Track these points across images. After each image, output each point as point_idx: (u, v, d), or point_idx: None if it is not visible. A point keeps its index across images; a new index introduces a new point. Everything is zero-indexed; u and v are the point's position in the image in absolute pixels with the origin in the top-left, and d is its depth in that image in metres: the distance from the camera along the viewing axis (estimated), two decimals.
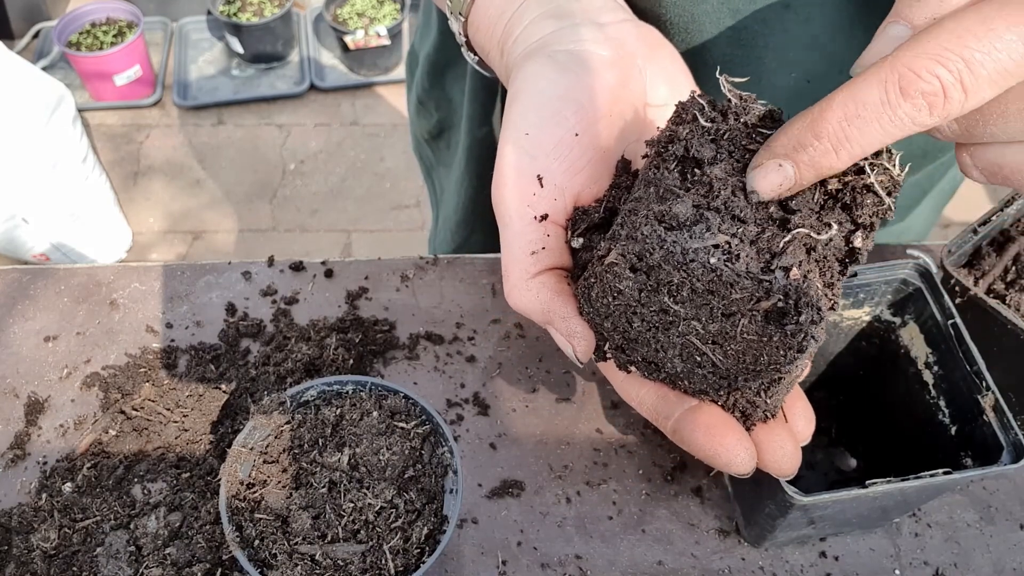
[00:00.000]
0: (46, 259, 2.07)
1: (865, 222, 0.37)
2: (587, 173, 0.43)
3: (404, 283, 0.72)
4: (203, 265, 0.73)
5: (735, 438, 0.41)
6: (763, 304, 0.35)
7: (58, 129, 1.97)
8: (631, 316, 0.39)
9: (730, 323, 0.36)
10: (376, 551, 0.50)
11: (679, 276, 0.36)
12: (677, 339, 0.39)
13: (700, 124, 0.38)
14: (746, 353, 0.38)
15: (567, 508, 0.60)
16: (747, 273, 0.35)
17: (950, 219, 2.23)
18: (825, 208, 0.37)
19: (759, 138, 0.38)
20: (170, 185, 2.36)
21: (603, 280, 0.39)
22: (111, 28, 2.42)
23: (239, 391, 0.64)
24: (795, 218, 0.36)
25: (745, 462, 0.40)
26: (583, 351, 0.42)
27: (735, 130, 0.38)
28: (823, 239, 0.36)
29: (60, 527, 0.56)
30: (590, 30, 0.45)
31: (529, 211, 0.42)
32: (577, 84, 0.43)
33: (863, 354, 0.60)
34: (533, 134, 0.42)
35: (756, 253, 0.35)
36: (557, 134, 0.43)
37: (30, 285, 0.71)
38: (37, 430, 0.63)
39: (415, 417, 0.55)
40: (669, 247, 0.35)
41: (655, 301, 0.38)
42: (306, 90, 2.55)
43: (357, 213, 2.31)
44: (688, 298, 0.37)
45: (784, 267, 0.35)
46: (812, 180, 0.35)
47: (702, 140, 0.38)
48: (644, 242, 0.36)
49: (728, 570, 0.58)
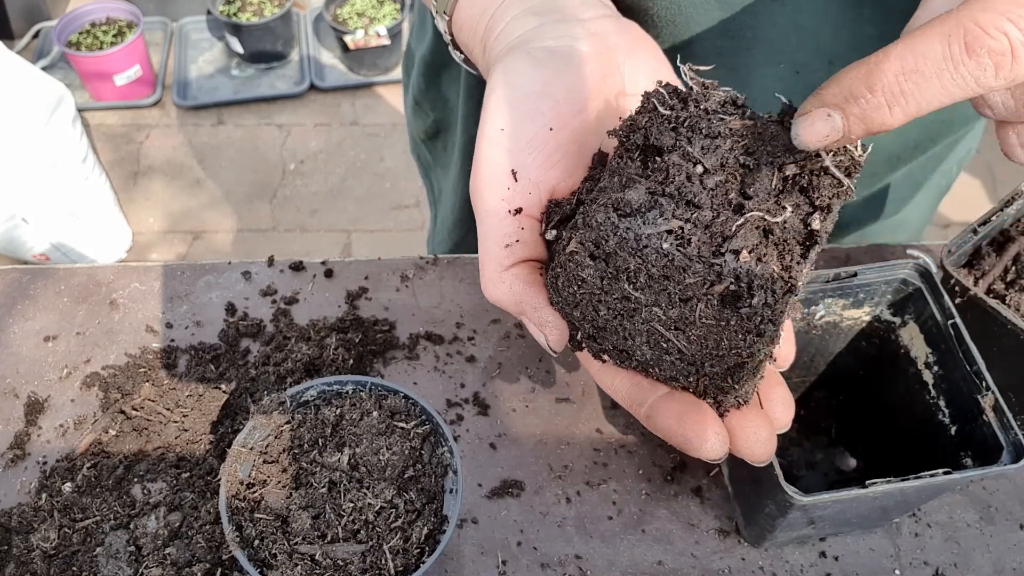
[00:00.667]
0: (46, 259, 2.07)
1: (822, 204, 0.36)
2: (562, 167, 0.44)
3: (404, 283, 0.72)
4: (203, 265, 0.73)
5: (706, 423, 0.40)
6: (716, 288, 0.35)
7: (58, 129, 1.97)
8: (597, 304, 0.40)
9: (688, 308, 0.37)
10: (376, 551, 0.50)
11: (635, 262, 0.36)
12: (642, 326, 0.39)
13: (659, 112, 0.38)
14: (707, 338, 0.38)
15: (567, 508, 0.60)
16: (698, 257, 0.35)
17: (950, 219, 2.23)
18: (784, 192, 0.37)
19: (719, 124, 0.38)
20: (170, 185, 2.36)
21: (567, 269, 0.39)
22: (111, 28, 2.42)
23: (239, 391, 0.64)
24: (751, 203, 0.36)
25: (716, 447, 0.40)
26: (555, 340, 0.43)
27: (695, 117, 0.38)
28: (778, 221, 0.36)
29: (60, 527, 0.56)
30: (570, 26, 0.45)
31: (503, 205, 0.43)
32: (554, 80, 0.43)
33: (863, 354, 0.61)
34: (508, 129, 0.43)
35: (709, 237, 0.35)
36: (532, 129, 0.43)
37: (30, 285, 0.71)
38: (37, 430, 0.63)
39: (415, 417, 0.55)
40: (622, 233, 0.35)
41: (616, 288, 0.38)
42: (306, 90, 2.55)
43: (357, 213, 2.31)
44: (646, 284, 0.37)
45: (734, 250, 0.35)
46: (860, 135, 0.33)
47: (661, 128, 0.38)
48: (599, 229, 0.36)
49: (728, 570, 0.58)
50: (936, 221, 2.24)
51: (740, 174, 0.37)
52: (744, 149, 0.37)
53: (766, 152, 0.37)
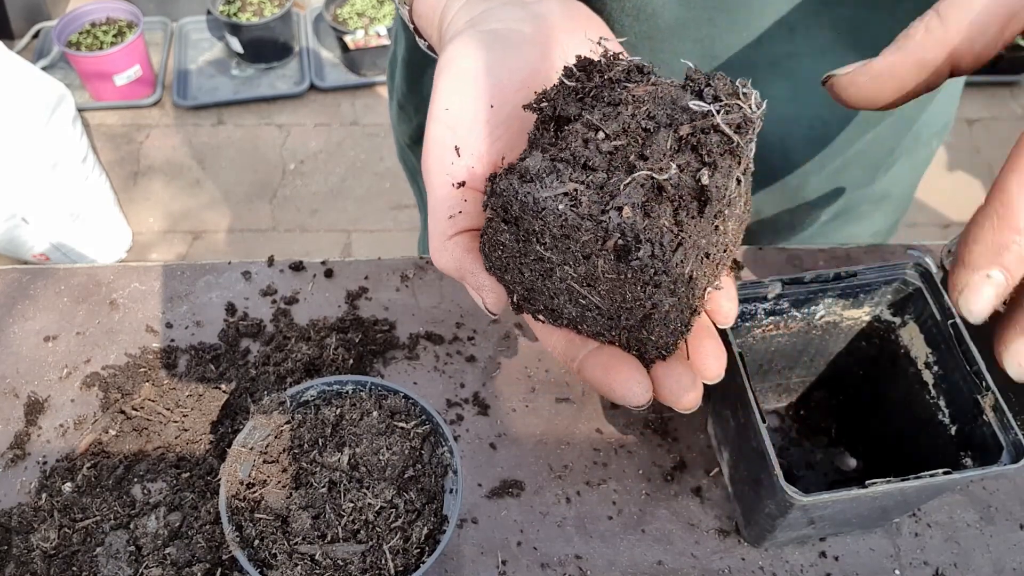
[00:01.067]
0: (46, 259, 2.07)
1: (710, 160, 0.38)
2: (504, 142, 0.46)
3: (404, 283, 0.72)
4: (203, 265, 0.73)
5: (628, 373, 0.42)
6: (608, 244, 0.37)
7: (58, 129, 1.97)
8: (520, 266, 0.42)
9: (591, 264, 0.39)
10: (376, 551, 0.50)
11: (538, 224, 0.38)
12: (561, 284, 0.41)
13: (565, 84, 0.41)
14: (614, 292, 0.40)
15: (567, 508, 0.60)
16: (588, 216, 0.37)
17: (950, 219, 2.23)
18: (679, 152, 0.38)
19: (622, 91, 0.40)
20: (170, 185, 2.36)
21: (487, 235, 0.42)
22: (111, 28, 2.42)
23: (239, 391, 0.64)
24: (646, 163, 0.38)
25: (638, 394, 0.42)
26: (491, 303, 0.45)
27: (600, 87, 0.40)
28: (664, 179, 0.37)
29: (60, 527, 0.56)
30: (514, 8, 0.48)
31: (448, 179, 0.45)
32: (495, 60, 0.46)
33: (863, 354, 0.61)
34: (452, 108, 0.45)
35: (599, 197, 0.37)
36: (475, 108, 0.45)
37: (30, 285, 0.71)
38: (37, 430, 0.63)
39: (415, 417, 0.55)
40: (522, 198, 0.38)
41: (531, 250, 0.40)
42: (306, 90, 2.55)
43: (357, 213, 2.31)
44: (553, 244, 0.39)
45: (617, 207, 0.37)
46: (1022, 274, 0.34)
47: (567, 99, 0.40)
48: (503, 195, 0.39)
49: (728, 570, 0.58)
50: (936, 221, 2.24)
51: (641, 138, 0.39)
52: (646, 114, 0.39)
53: (666, 115, 0.39)
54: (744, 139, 0.38)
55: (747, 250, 0.74)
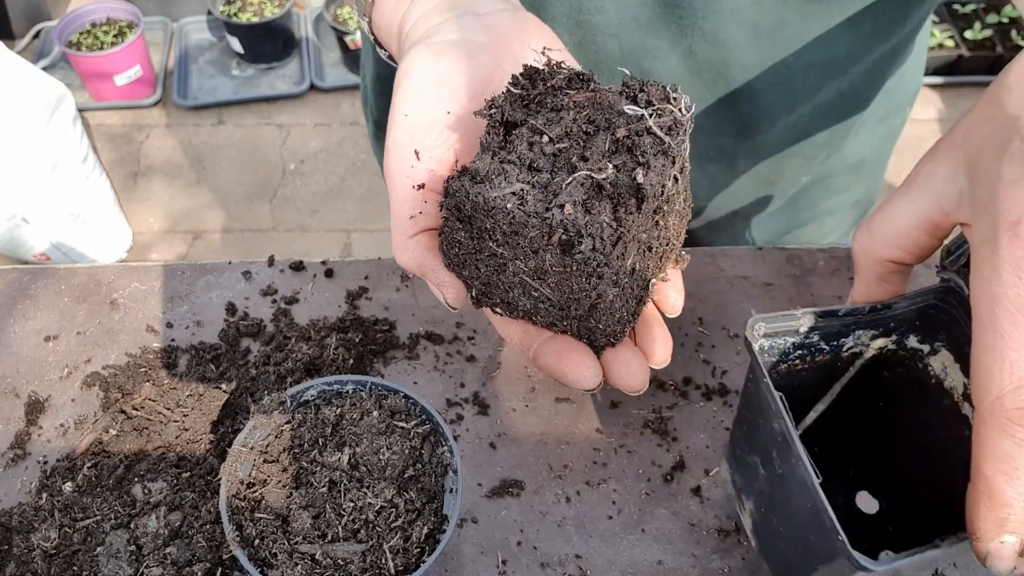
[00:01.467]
0: (46, 259, 2.08)
1: (644, 160, 0.41)
2: (461, 146, 0.49)
3: (404, 283, 0.72)
4: (203, 265, 0.73)
5: (579, 359, 0.45)
6: (553, 238, 0.40)
7: (58, 129, 1.97)
8: (476, 262, 0.45)
9: (539, 258, 0.42)
10: (376, 550, 0.50)
11: (489, 222, 0.41)
12: (514, 278, 0.44)
13: (511, 92, 0.44)
14: (562, 284, 0.42)
15: (567, 508, 0.60)
16: (534, 213, 0.40)
17: None
18: (616, 153, 0.41)
19: (564, 98, 0.43)
20: (170, 185, 2.36)
21: (444, 233, 0.45)
22: (111, 28, 2.42)
23: (239, 391, 0.64)
24: (586, 164, 0.41)
25: (589, 379, 0.45)
26: (452, 297, 0.48)
27: (544, 94, 0.44)
28: (603, 178, 0.40)
29: (60, 526, 0.57)
30: (469, 20, 0.51)
31: (408, 181, 0.48)
32: (451, 69, 0.48)
33: (884, 384, 0.56)
34: (411, 115, 0.48)
35: (544, 196, 0.40)
36: (432, 114, 0.48)
37: (30, 285, 0.71)
38: (37, 430, 0.63)
39: (415, 417, 0.55)
40: (473, 198, 0.41)
41: (484, 247, 0.43)
42: (306, 90, 2.55)
43: (357, 213, 2.31)
44: (504, 240, 0.42)
45: (560, 204, 0.40)
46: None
47: (515, 105, 0.43)
48: (455, 196, 0.42)
49: (728, 570, 0.58)
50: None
51: (582, 140, 0.42)
52: (586, 118, 0.42)
53: (604, 119, 0.42)
54: (675, 140, 0.41)
55: (746, 250, 0.74)
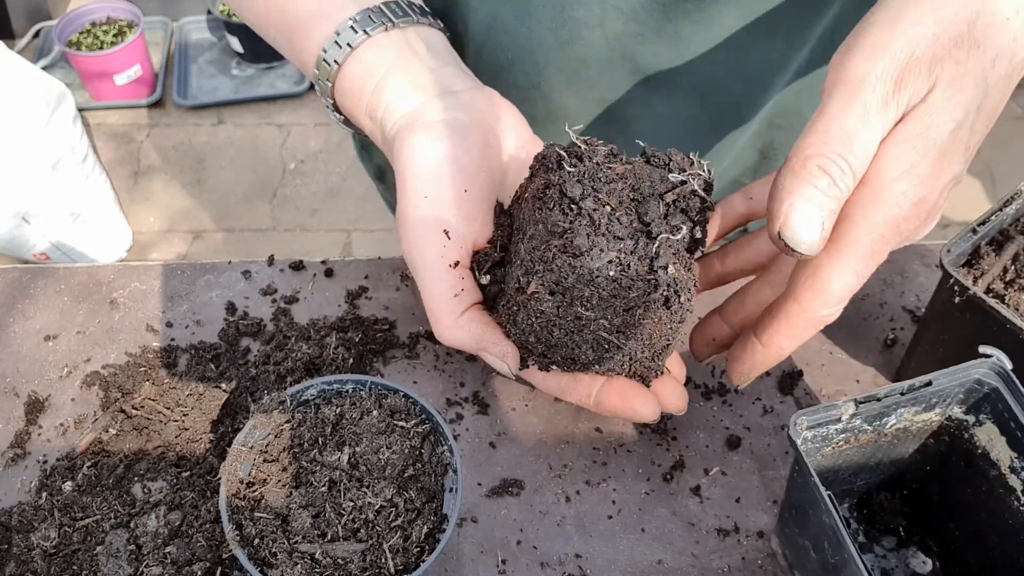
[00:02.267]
0: (46, 258, 2.08)
1: (700, 219, 0.48)
2: (479, 220, 0.52)
3: (404, 282, 0.73)
4: (203, 264, 0.73)
5: (644, 396, 0.52)
6: (653, 296, 0.46)
7: (58, 129, 1.97)
8: (551, 328, 0.48)
9: (629, 314, 0.47)
10: (376, 550, 0.50)
11: (589, 290, 0.45)
12: (589, 336, 0.48)
13: (567, 170, 0.47)
14: (643, 333, 0.48)
15: (566, 507, 0.60)
16: (638, 276, 0.45)
17: (949, 219, 2.23)
18: (669, 215, 0.47)
19: (608, 171, 0.48)
20: (170, 184, 2.36)
21: (527, 307, 0.48)
22: (111, 28, 2.42)
23: (239, 390, 0.64)
24: (653, 227, 0.46)
25: (654, 410, 0.52)
26: (515, 365, 0.51)
27: (591, 169, 0.48)
28: (678, 239, 0.46)
29: (60, 526, 0.57)
30: (449, 99, 0.54)
31: (443, 261, 0.50)
32: (454, 148, 0.51)
33: (931, 451, 0.57)
34: (431, 196, 0.50)
35: (638, 260, 0.45)
36: (450, 193, 0.51)
37: (30, 284, 0.71)
38: (37, 429, 0.63)
39: (415, 416, 0.55)
40: (579, 271, 0.45)
41: (570, 313, 0.47)
42: (306, 90, 2.55)
43: (357, 212, 2.31)
44: (596, 304, 0.46)
45: (663, 266, 0.45)
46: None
47: (571, 182, 0.47)
48: (559, 271, 0.45)
49: (727, 569, 0.58)
50: None
51: (634, 207, 0.47)
52: (630, 187, 0.47)
53: (647, 186, 0.47)
54: (711, 200, 0.49)
55: None
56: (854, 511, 0.61)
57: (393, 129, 0.54)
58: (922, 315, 0.71)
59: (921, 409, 0.54)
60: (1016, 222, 0.64)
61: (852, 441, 0.53)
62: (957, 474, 0.56)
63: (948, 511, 0.58)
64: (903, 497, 0.60)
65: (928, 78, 0.42)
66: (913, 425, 0.55)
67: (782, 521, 0.57)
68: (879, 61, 0.41)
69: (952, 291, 0.57)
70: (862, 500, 0.61)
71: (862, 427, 0.53)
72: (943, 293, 0.59)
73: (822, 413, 0.50)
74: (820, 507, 0.47)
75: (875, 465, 0.58)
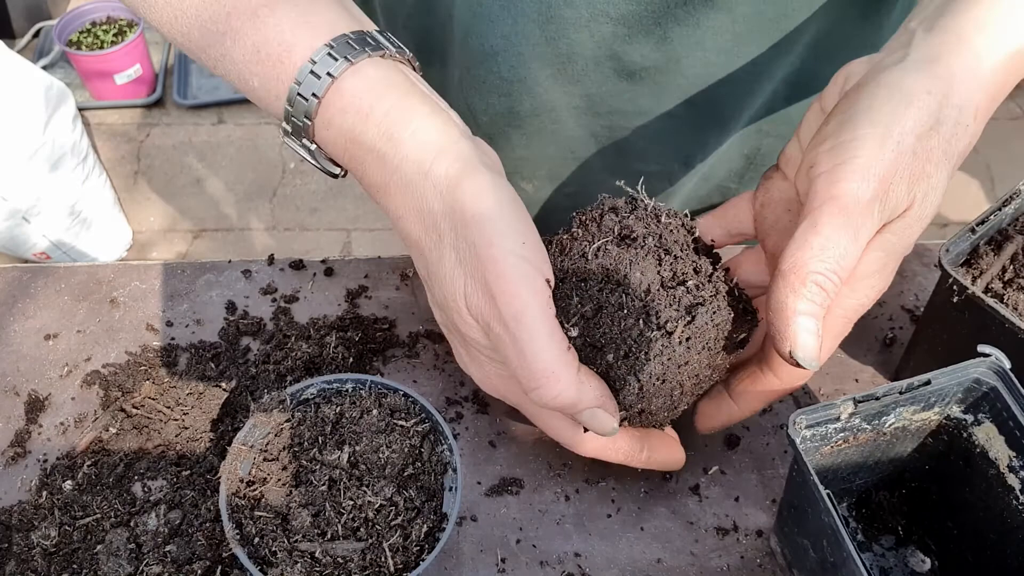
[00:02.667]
0: (47, 257, 2.08)
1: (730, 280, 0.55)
2: (547, 264, 0.50)
3: (404, 281, 0.73)
4: (203, 263, 0.73)
5: (676, 443, 0.59)
6: (740, 337, 0.53)
7: (58, 128, 1.97)
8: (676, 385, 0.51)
9: (711, 355, 0.52)
10: (376, 549, 0.50)
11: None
12: (674, 382, 0.51)
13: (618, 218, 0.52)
14: (711, 374, 0.53)
15: (566, 506, 0.61)
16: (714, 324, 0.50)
17: (948, 218, 2.24)
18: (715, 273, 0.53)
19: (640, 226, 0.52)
20: (170, 184, 2.36)
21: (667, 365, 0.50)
22: (111, 27, 2.42)
23: (239, 389, 0.65)
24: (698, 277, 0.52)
25: (683, 458, 0.59)
26: (618, 419, 0.51)
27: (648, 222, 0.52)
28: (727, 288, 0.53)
29: (60, 525, 0.57)
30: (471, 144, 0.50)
31: (550, 312, 0.47)
32: (513, 194, 0.48)
33: (929, 450, 0.58)
34: (528, 241, 0.47)
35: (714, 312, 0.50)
36: (534, 236, 0.48)
37: (31, 283, 0.71)
38: (37, 428, 0.63)
39: (415, 415, 0.55)
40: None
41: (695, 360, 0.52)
42: None
43: (357, 212, 2.31)
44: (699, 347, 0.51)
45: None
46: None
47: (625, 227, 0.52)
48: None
49: (727, 568, 0.58)
50: (935, 220, 2.24)
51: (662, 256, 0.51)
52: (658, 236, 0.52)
53: (676, 246, 0.52)
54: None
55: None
56: (853, 510, 0.61)
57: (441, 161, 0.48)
58: (921, 314, 0.71)
59: (920, 408, 0.54)
60: (1015, 222, 0.64)
61: (851, 440, 0.54)
62: (956, 473, 0.56)
63: (947, 510, 0.58)
64: (902, 496, 0.61)
65: (908, 195, 0.47)
66: (912, 424, 0.55)
67: (781, 520, 0.57)
68: (870, 185, 0.46)
69: (951, 290, 0.57)
70: (861, 499, 0.61)
71: (861, 426, 0.53)
72: (942, 292, 0.59)
73: (821, 412, 0.50)
74: (819, 506, 0.47)
75: (874, 464, 0.58)
